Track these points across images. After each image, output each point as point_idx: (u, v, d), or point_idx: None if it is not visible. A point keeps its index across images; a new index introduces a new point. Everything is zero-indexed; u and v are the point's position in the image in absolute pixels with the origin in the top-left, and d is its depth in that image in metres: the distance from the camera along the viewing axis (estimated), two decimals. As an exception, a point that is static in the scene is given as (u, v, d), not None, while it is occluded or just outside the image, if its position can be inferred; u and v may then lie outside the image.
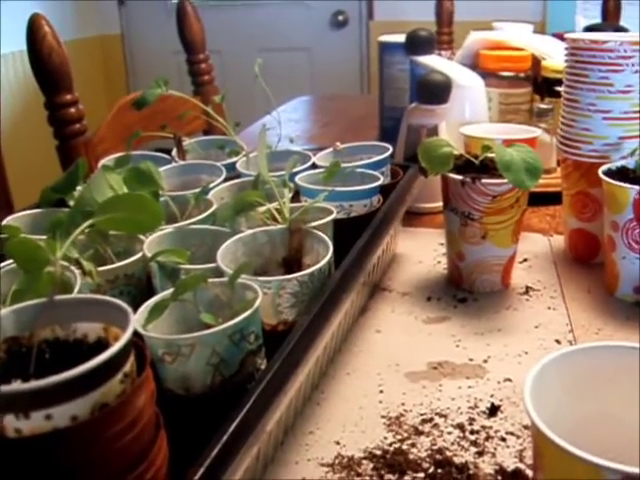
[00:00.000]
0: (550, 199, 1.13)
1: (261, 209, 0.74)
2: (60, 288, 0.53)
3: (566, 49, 0.92)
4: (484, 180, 0.83)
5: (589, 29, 1.45)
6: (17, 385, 0.40)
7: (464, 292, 0.89)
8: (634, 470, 0.37)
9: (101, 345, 0.45)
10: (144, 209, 0.52)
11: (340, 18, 3.35)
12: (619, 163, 0.88)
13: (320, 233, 0.70)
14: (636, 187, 0.81)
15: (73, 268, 0.60)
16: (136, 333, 0.53)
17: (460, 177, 0.84)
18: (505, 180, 0.80)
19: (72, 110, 1.24)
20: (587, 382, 0.49)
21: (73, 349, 0.46)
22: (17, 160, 2.19)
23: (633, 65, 0.87)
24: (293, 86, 3.04)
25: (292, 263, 0.70)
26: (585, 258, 0.97)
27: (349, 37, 3.38)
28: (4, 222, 0.76)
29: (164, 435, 0.44)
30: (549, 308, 0.86)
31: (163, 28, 3.22)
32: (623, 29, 1.50)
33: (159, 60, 3.37)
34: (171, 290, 0.58)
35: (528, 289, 0.90)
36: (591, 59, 0.88)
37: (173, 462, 0.45)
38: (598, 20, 2.18)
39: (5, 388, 0.37)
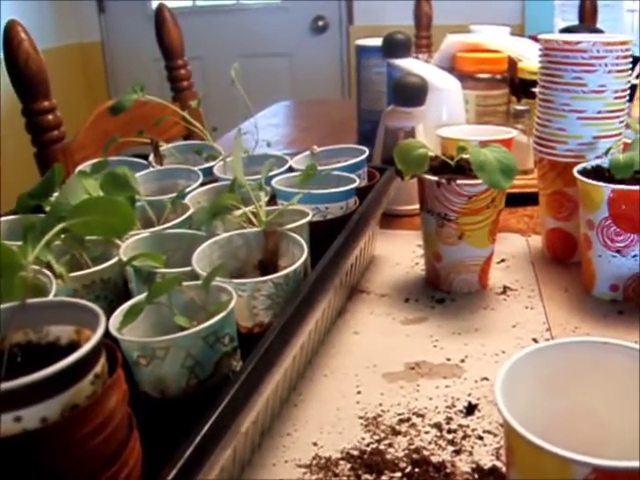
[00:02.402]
0: (528, 200, 1.13)
1: (237, 212, 0.74)
2: (34, 292, 0.53)
3: (540, 50, 0.93)
4: (459, 181, 0.83)
5: (565, 31, 1.46)
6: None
7: (442, 293, 0.90)
8: (602, 462, 0.38)
9: (73, 348, 0.45)
10: (116, 212, 0.52)
11: (320, 23, 3.36)
12: (594, 162, 0.89)
13: (295, 235, 0.70)
14: (610, 185, 0.81)
15: (49, 273, 0.60)
16: (111, 336, 0.54)
17: (435, 178, 0.84)
18: (480, 181, 0.80)
19: (50, 117, 1.23)
20: (560, 377, 0.50)
21: (45, 352, 0.46)
22: (4, 167, 2.18)
23: (606, 65, 0.88)
24: (274, 91, 3.04)
25: (268, 266, 0.70)
26: (563, 257, 0.98)
27: (329, 42, 3.39)
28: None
29: (137, 436, 0.44)
30: (527, 307, 0.86)
31: (143, 35, 3.22)
32: (598, 30, 1.51)
33: (139, 67, 3.36)
34: (146, 294, 0.58)
35: (506, 289, 0.91)
36: (564, 60, 0.89)
37: (149, 465, 0.45)
38: (576, 22, 2.19)
39: (-27, 391, 0.36)
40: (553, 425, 0.49)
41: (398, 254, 1.02)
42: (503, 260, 0.99)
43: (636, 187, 0.81)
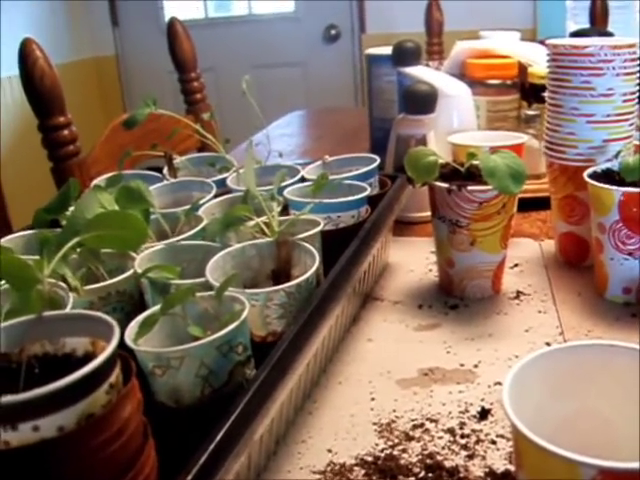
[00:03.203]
0: (541, 204, 1.14)
1: (250, 223, 0.75)
2: (50, 305, 0.54)
3: (548, 55, 0.94)
4: (470, 187, 0.84)
5: (575, 34, 1.47)
6: (4, 398, 0.41)
7: (455, 299, 0.90)
8: (608, 464, 0.38)
9: (89, 359, 0.46)
10: (129, 226, 0.53)
11: (333, 32, 3.38)
12: (604, 166, 0.89)
13: (307, 245, 0.71)
14: (620, 189, 0.82)
15: (65, 285, 0.61)
16: (126, 347, 0.55)
17: (446, 185, 0.85)
18: (490, 187, 0.81)
19: (65, 132, 1.25)
20: (567, 380, 0.50)
21: (62, 363, 0.47)
22: (15, 182, 2.21)
23: (614, 69, 0.88)
24: (288, 101, 3.06)
25: (281, 275, 0.71)
26: (575, 261, 0.98)
27: (342, 51, 3.40)
28: (-2, 244, 0.77)
29: (152, 444, 0.45)
30: (540, 312, 0.87)
31: (157, 47, 3.24)
32: (609, 34, 1.51)
33: (154, 79, 3.39)
34: (160, 305, 0.59)
35: (519, 294, 0.91)
36: (572, 64, 0.90)
37: (166, 472, 0.46)
38: (587, 25, 2.19)
39: (-8, 402, 0.38)
40: (562, 428, 0.50)
41: (412, 261, 1.02)
42: (516, 265, 0.99)
43: (646, 190, 0.81)
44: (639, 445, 0.48)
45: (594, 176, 0.87)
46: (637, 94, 0.92)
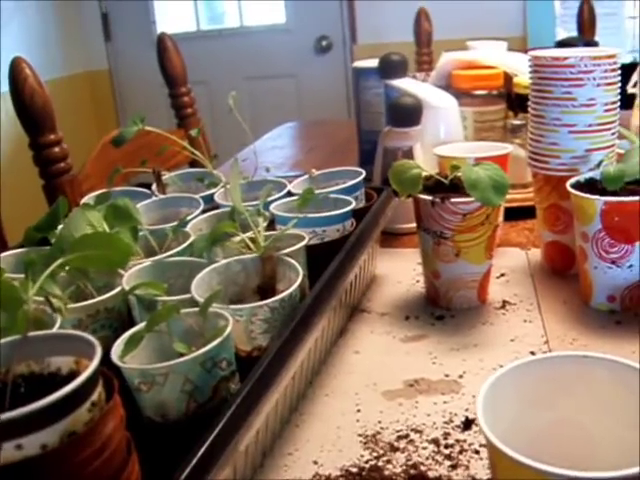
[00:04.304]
0: (528, 213, 1.14)
1: (236, 239, 0.76)
2: (37, 324, 0.55)
3: (530, 66, 0.95)
4: (453, 199, 0.85)
5: (560, 44, 1.48)
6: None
7: (442, 310, 0.91)
8: (577, 474, 0.39)
9: (73, 377, 0.47)
10: (113, 246, 0.54)
11: (324, 43, 3.40)
12: (587, 175, 0.90)
13: (291, 260, 0.72)
14: (602, 198, 0.83)
15: (60, 305, 0.62)
16: (112, 364, 0.56)
17: (430, 197, 0.86)
18: (473, 198, 0.82)
19: (56, 149, 1.26)
20: (543, 391, 0.51)
21: (48, 382, 0.48)
22: (11, 199, 2.22)
23: (594, 79, 0.90)
24: (281, 113, 3.08)
25: (266, 290, 0.72)
26: (561, 270, 0.99)
27: (334, 61, 3.42)
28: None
29: (136, 458, 0.46)
30: (525, 321, 0.88)
31: (150, 61, 3.23)
32: (594, 43, 1.53)
33: (148, 93, 3.41)
34: (145, 322, 0.60)
35: (505, 303, 0.92)
36: (554, 75, 0.91)
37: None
38: (576, 32, 2.21)
39: (-24, 423, 0.39)
40: (539, 438, 0.51)
41: (399, 272, 1.03)
42: (503, 274, 1.00)
43: (627, 198, 0.82)
44: (619, 454, 0.49)
45: (577, 186, 0.88)
46: (618, 104, 0.93)
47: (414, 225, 1.06)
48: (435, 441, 0.66)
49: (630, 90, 1.36)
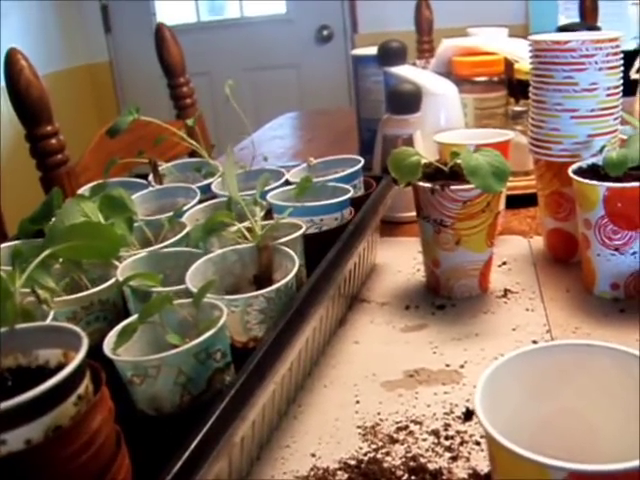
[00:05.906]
0: (530, 201, 1.13)
1: (232, 229, 0.75)
2: (25, 317, 0.54)
3: (530, 51, 0.93)
4: (453, 187, 0.84)
5: (562, 29, 1.46)
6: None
7: (442, 299, 0.90)
8: (577, 466, 0.38)
9: (61, 370, 0.46)
10: (102, 236, 0.53)
11: (325, 33, 3.38)
12: (589, 161, 0.89)
13: (287, 249, 0.71)
14: (604, 184, 0.81)
15: (47, 297, 0.61)
16: (104, 356, 0.55)
17: (429, 185, 0.85)
18: (473, 185, 0.81)
19: (53, 141, 1.25)
20: (545, 381, 0.50)
21: (36, 375, 0.46)
22: (11, 191, 2.21)
23: (596, 63, 0.88)
24: (283, 103, 3.06)
25: (263, 280, 0.71)
26: (564, 258, 0.98)
27: (335, 51, 3.40)
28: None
29: (125, 452, 0.45)
30: (527, 310, 0.86)
31: (151, 52, 3.23)
32: (596, 28, 1.51)
33: (148, 84, 3.39)
34: (138, 314, 0.59)
35: (507, 292, 0.91)
36: (554, 59, 0.89)
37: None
38: (578, 20, 2.19)
39: (-42, 418, 0.37)
40: (542, 428, 0.49)
41: (399, 261, 1.02)
42: (505, 263, 0.99)
43: (630, 184, 0.81)
44: (621, 444, 0.48)
45: (579, 172, 0.86)
46: (621, 88, 0.92)
47: (414, 213, 1.05)
48: (435, 432, 0.65)
49: (633, 76, 1.34)
